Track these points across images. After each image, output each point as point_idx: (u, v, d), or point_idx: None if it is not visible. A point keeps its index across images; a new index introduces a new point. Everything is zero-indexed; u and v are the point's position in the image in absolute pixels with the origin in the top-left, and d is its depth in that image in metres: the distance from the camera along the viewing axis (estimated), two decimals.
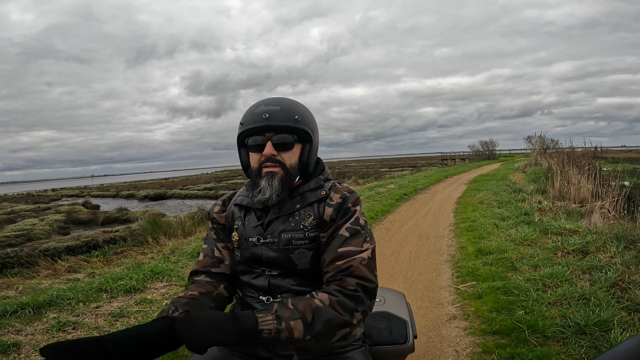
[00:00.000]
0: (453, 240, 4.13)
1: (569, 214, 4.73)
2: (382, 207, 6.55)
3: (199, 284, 0.91)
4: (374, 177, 16.69)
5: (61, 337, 2.08)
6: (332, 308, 0.75)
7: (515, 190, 7.47)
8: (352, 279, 0.79)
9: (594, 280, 2.47)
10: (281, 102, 0.90)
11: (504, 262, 3.08)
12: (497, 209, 5.70)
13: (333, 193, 0.91)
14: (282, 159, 0.88)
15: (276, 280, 0.88)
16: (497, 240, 3.83)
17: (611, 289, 2.34)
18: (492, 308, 2.26)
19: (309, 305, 0.74)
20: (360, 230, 0.87)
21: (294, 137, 0.89)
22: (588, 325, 1.92)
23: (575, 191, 6.12)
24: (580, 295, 2.27)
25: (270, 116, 0.87)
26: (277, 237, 0.88)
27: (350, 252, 0.83)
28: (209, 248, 0.98)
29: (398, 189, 9.26)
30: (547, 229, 3.90)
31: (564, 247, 3.23)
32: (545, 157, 13.02)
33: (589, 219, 4.35)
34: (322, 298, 0.76)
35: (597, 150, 14.55)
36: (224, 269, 0.95)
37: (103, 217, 13.38)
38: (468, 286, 2.70)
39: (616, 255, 2.92)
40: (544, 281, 2.56)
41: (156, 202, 20.58)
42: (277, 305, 0.74)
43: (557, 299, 2.28)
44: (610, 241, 3.22)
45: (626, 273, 2.52)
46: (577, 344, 1.81)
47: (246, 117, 0.91)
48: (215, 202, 1.03)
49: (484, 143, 42.98)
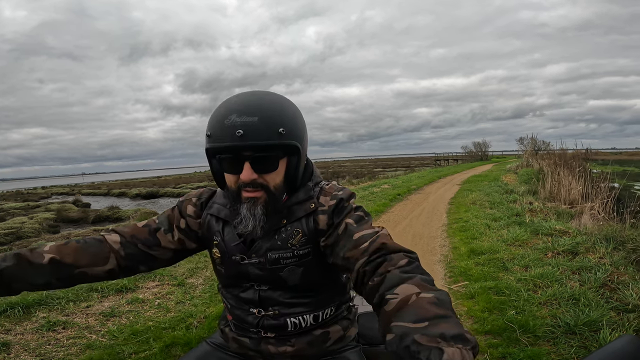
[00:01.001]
0: (446, 240, 4.16)
1: (559, 215, 4.80)
2: (376, 207, 6.57)
3: (85, 249, 0.78)
4: (368, 177, 16.76)
5: (51, 336, 2.05)
6: (428, 291, 0.56)
7: (507, 191, 7.56)
8: (394, 254, 0.66)
9: (584, 281, 2.50)
10: (259, 109, 0.70)
11: (496, 263, 3.11)
12: (489, 209, 5.76)
13: (322, 197, 0.80)
14: (264, 182, 0.73)
15: (266, 294, 0.81)
16: (489, 240, 3.87)
17: (600, 289, 2.37)
18: (484, 308, 2.29)
19: (427, 304, 0.52)
20: (364, 216, 0.77)
21: (278, 154, 0.73)
22: (578, 325, 1.95)
23: (565, 192, 6.21)
24: (570, 296, 2.30)
25: (246, 132, 0.68)
26: (262, 257, 0.78)
27: (368, 234, 0.71)
28: (159, 225, 0.84)
29: (392, 189, 9.29)
30: (538, 230, 3.95)
31: (554, 247, 3.27)
32: (536, 158, 13.19)
33: (579, 220, 4.42)
34: (408, 291, 0.56)
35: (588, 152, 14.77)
36: (146, 252, 0.82)
37: (94, 216, 13.24)
38: (461, 286, 2.72)
39: (605, 256, 2.97)
40: (534, 281, 2.59)
41: (148, 201, 20.44)
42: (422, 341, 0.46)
43: (547, 299, 2.31)
44: (600, 242, 3.28)
45: (615, 274, 2.57)
46: (567, 344, 1.84)
47: (213, 127, 0.71)
48: (187, 197, 0.89)
49: (477, 144, 43.51)
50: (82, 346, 1.96)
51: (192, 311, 2.36)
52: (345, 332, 0.86)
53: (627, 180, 10.52)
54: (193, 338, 1.96)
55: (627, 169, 15.68)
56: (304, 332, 0.82)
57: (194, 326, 2.16)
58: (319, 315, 0.83)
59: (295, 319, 0.81)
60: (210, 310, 2.38)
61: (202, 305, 2.48)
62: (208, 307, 2.43)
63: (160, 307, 2.46)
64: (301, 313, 0.81)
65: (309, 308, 0.82)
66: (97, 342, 1.99)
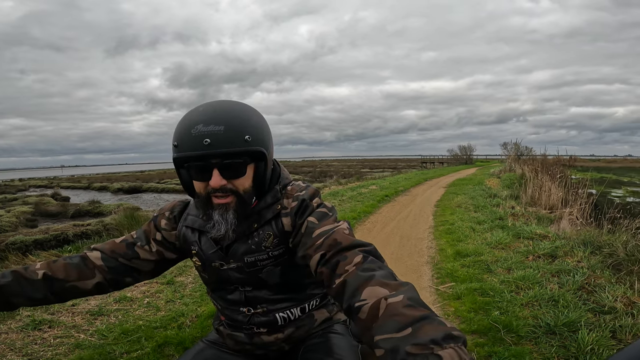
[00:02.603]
0: (433, 242, 4.26)
1: (540, 220, 4.99)
2: (364, 207, 6.65)
3: (73, 264, 0.82)
4: (356, 177, 16.87)
5: (37, 335, 2.01)
6: (391, 288, 0.58)
7: (490, 195, 7.77)
8: (348, 252, 0.67)
9: (562, 283, 2.62)
10: (226, 119, 0.72)
11: (480, 265, 3.22)
12: (474, 212, 5.92)
13: (285, 199, 0.83)
14: (233, 187, 0.75)
15: (252, 294, 0.85)
16: (473, 243, 3.99)
17: (578, 291, 2.49)
18: (470, 308, 2.37)
19: (391, 308, 0.53)
20: (328, 212, 0.79)
21: (245, 160, 0.75)
22: (557, 325, 2.04)
23: (546, 198, 6.44)
24: (550, 297, 2.40)
25: (213, 141, 0.70)
26: (240, 261, 0.82)
27: (324, 231, 0.73)
28: (137, 239, 0.88)
29: (379, 190, 9.41)
30: (520, 234, 4.10)
31: (535, 251, 3.40)
32: (519, 163, 13.58)
33: (558, 225, 4.60)
34: (375, 294, 0.57)
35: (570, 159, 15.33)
36: (129, 265, 0.86)
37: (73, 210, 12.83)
38: (447, 287, 2.80)
39: (583, 259, 3.11)
40: (516, 283, 2.69)
41: (131, 196, 19.96)
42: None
43: (529, 301, 2.41)
44: (578, 246, 3.43)
45: (592, 277, 2.70)
46: (547, 343, 1.92)
47: (180, 137, 0.73)
48: (161, 211, 0.91)
49: (462, 148, 44.30)
50: (71, 345, 1.93)
51: (183, 310, 2.35)
52: (332, 314, 0.92)
53: (604, 187, 10.99)
54: (186, 337, 1.96)
55: (605, 175, 16.39)
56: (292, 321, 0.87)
57: (186, 325, 2.15)
58: (305, 307, 0.88)
59: (284, 314, 0.85)
60: (202, 309, 2.38)
61: (193, 304, 2.47)
62: (199, 306, 2.42)
63: (149, 306, 2.44)
64: (288, 307, 0.86)
65: (294, 302, 0.86)
66: (86, 342, 1.96)
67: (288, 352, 0.89)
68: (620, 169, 25.95)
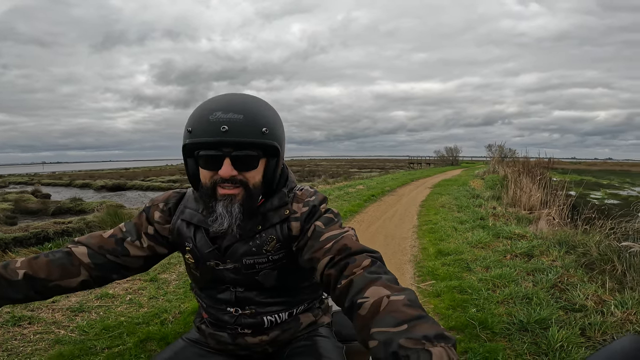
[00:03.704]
0: (416, 241, 4.36)
1: (519, 220, 5.15)
2: (351, 207, 6.72)
3: (56, 261, 0.78)
4: (344, 177, 16.97)
5: (17, 332, 1.98)
6: (394, 290, 0.59)
7: (473, 196, 7.95)
8: (357, 255, 0.69)
9: (537, 282, 2.73)
10: (245, 108, 0.71)
11: (460, 263, 3.32)
12: (457, 212, 6.06)
13: (295, 204, 0.81)
14: (244, 178, 0.73)
15: (243, 295, 0.83)
16: (455, 242, 4.10)
17: (551, 289, 2.59)
18: (449, 305, 2.44)
19: (394, 308, 0.55)
20: (334, 218, 0.80)
21: (259, 153, 0.73)
22: (530, 322, 2.11)
23: (526, 199, 6.63)
24: (524, 295, 2.49)
25: (231, 128, 0.69)
26: (238, 262, 0.80)
27: (332, 236, 0.74)
28: (126, 234, 0.83)
29: (367, 190, 9.50)
30: (499, 233, 4.23)
31: (513, 250, 3.53)
32: (502, 165, 13.91)
33: (536, 225, 4.76)
34: (378, 293, 0.59)
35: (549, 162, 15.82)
36: (116, 261, 0.82)
37: (54, 207, 12.52)
38: (428, 285, 2.88)
39: (557, 259, 3.24)
40: (493, 281, 2.79)
41: (114, 193, 19.57)
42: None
43: (504, 298, 2.49)
44: (553, 246, 3.57)
45: (565, 275, 2.81)
46: (520, 340, 1.99)
47: (196, 123, 0.71)
48: (154, 202, 0.87)
49: (449, 149, 45.00)
50: (51, 341, 1.91)
51: (166, 307, 2.36)
52: (317, 318, 0.92)
53: (583, 189, 11.32)
54: (169, 333, 1.97)
55: (584, 178, 16.87)
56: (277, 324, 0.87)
57: (169, 321, 2.16)
58: (293, 312, 0.87)
59: (272, 317, 0.84)
60: (185, 305, 2.39)
61: (177, 300, 2.48)
62: (183, 303, 2.43)
63: (132, 303, 2.43)
64: (277, 311, 0.84)
65: (284, 306, 0.85)
66: (66, 337, 1.95)
67: (271, 355, 0.88)
68: (600, 171, 26.78)
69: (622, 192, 12.74)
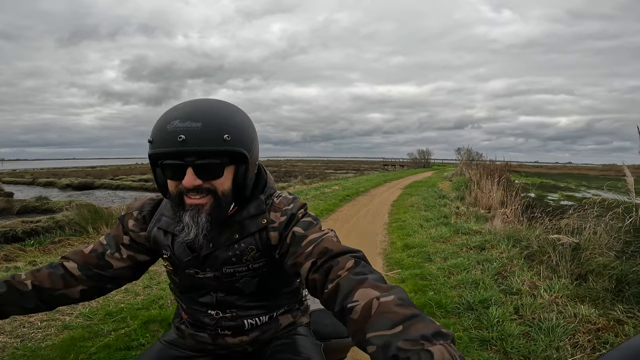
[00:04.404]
0: (386, 237, 4.80)
1: (478, 218, 5.71)
2: (327, 206, 7.10)
3: (56, 273, 0.80)
4: (320, 177, 17.35)
5: (24, 320, 2.15)
6: (381, 290, 0.59)
7: (440, 197, 8.54)
8: (340, 257, 0.68)
9: (484, 270, 3.18)
10: (205, 116, 0.68)
11: (423, 255, 3.76)
12: (424, 211, 6.58)
13: (273, 213, 0.80)
14: (211, 186, 0.71)
15: (223, 299, 0.83)
16: (420, 237, 4.57)
17: (495, 276, 3.04)
18: (411, 290, 2.84)
19: (387, 311, 0.54)
20: (313, 221, 0.79)
21: (223, 161, 0.71)
22: (475, 302, 2.49)
23: (485, 199, 7.28)
24: (473, 281, 2.91)
25: (188, 138, 0.66)
26: (217, 271, 0.80)
27: (313, 239, 0.74)
28: (106, 247, 0.84)
29: (342, 191, 9.94)
30: (459, 230, 4.73)
31: (468, 244, 4.02)
32: (469, 168, 14.78)
33: (492, 223, 5.32)
34: (367, 295, 0.58)
35: (511, 165, 16.94)
36: (104, 274, 0.83)
37: (19, 206, 12.01)
38: (395, 273, 3.29)
39: (505, 251, 3.72)
40: (449, 270, 3.23)
41: (82, 192, 18.85)
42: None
43: (457, 284, 2.91)
44: (502, 240, 4.07)
45: (508, 265, 3.29)
46: (467, 317, 2.37)
47: (156, 132, 0.70)
48: (128, 210, 0.87)
49: (421, 152, 46.59)
50: (59, 327, 2.11)
51: (161, 294, 2.60)
52: (295, 319, 0.93)
53: (542, 191, 12.18)
54: (169, 315, 2.22)
55: (544, 181, 17.91)
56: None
57: (167, 305, 2.41)
58: (273, 315, 0.88)
59: (252, 320, 0.85)
60: None
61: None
62: None
63: (128, 292, 2.65)
64: (257, 315, 0.86)
65: (264, 310, 0.87)
66: (73, 323, 2.16)
67: (251, 354, 0.89)
68: (560, 175, 28.48)
69: (577, 194, 13.50)
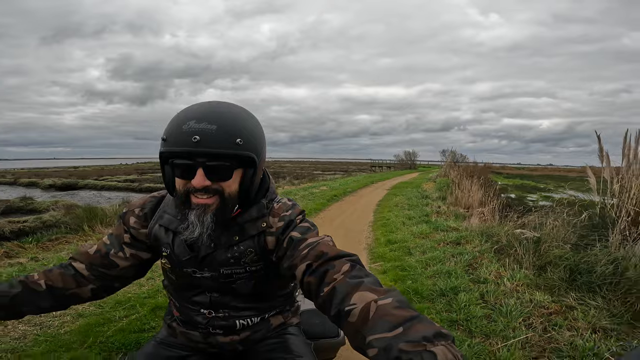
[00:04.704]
0: (371, 233, 5.14)
1: (457, 217, 6.10)
2: (315, 205, 7.40)
3: (67, 273, 0.83)
4: (308, 178, 17.64)
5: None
6: (377, 293, 0.60)
7: (423, 197, 8.95)
8: (336, 261, 0.69)
9: (457, 262, 3.53)
10: (219, 118, 0.71)
11: (404, 249, 4.10)
12: (407, 210, 6.95)
13: (271, 218, 0.82)
14: (219, 187, 0.73)
15: (218, 299, 0.84)
16: (402, 234, 4.91)
17: (466, 267, 3.38)
18: (392, 279, 3.15)
19: (387, 314, 0.54)
20: (310, 227, 0.81)
21: (232, 164, 0.73)
22: (446, 289, 2.80)
23: (466, 199, 7.70)
24: (447, 271, 3.23)
25: (202, 139, 0.68)
26: (215, 271, 0.81)
27: (310, 243, 0.75)
28: (109, 247, 0.86)
29: (330, 191, 10.24)
30: (438, 227, 5.10)
31: (445, 239, 4.38)
32: (453, 169, 15.30)
33: (469, 221, 5.72)
34: (365, 298, 0.58)
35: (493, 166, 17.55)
36: (111, 274, 0.85)
37: (4, 206, 11.87)
38: (377, 265, 3.62)
39: (477, 245, 4.09)
40: (426, 262, 3.57)
41: (66, 193, 18.60)
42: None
43: (432, 274, 3.23)
44: (477, 236, 4.45)
45: (479, 257, 3.64)
46: (439, 302, 2.67)
47: (170, 131, 0.72)
48: (130, 207, 0.88)
49: (408, 154, 47.39)
50: (74, 315, 2.32)
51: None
52: (286, 319, 0.95)
53: (523, 192, 12.68)
54: None
55: (525, 182, 18.41)
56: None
57: None
58: (265, 316, 0.90)
59: (244, 321, 0.87)
60: None
61: None
62: None
63: (133, 283, 2.78)
64: (250, 316, 0.87)
65: (257, 311, 0.88)
66: (86, 312, 2.37)
67: (242, 353, 0.90)
68: (540, 176, 29.35)
69: (555, 195, 13.98)
